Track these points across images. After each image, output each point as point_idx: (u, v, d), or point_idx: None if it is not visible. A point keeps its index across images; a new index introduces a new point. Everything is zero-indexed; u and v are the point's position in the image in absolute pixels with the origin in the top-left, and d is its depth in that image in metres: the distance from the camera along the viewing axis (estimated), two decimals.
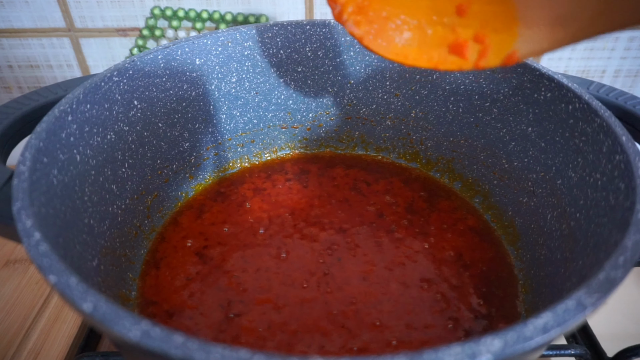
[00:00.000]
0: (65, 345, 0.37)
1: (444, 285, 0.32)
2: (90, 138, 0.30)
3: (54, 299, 0.40)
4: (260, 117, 0.42)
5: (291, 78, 0.41)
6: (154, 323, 0.16)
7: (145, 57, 0.34)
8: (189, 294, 0.32)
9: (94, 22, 0.50)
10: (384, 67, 0.41)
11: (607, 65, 0.53)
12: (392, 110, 0.43)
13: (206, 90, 0.39)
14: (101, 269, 0.29)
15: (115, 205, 0.32)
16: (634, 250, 0.19)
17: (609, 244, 0.22)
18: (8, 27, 0.50)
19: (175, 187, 0.39)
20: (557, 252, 0.30)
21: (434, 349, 0.15)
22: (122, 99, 0.32)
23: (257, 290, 0.32)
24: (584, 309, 0.17)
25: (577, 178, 0.29)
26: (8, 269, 0.43)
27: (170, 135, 0.37)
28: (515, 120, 0.35)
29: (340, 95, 0.43)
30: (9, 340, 0.37)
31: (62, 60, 0.52)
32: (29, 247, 0.19)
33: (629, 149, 0.25)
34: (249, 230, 0.37)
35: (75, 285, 0.17)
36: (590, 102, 0.29)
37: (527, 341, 0.16)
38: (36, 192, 0.22)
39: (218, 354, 0.15)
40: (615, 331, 0.37)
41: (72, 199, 0.27)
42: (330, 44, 0.40)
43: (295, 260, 0.34)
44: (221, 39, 0.38)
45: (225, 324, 0.30)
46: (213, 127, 0.40)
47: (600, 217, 0.25)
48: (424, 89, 0.40)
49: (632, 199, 0.22)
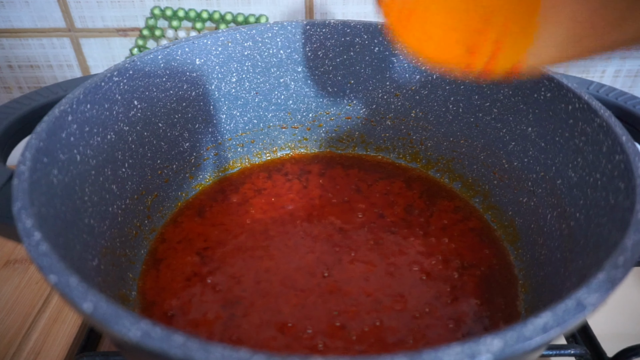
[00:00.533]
0: (65, 345, 0.37)
1: (443, 285, 0.32)
2: (90, 138, 0.30)
3: (54, 299, 0.40)
4: (260, 117, 0.42)
5: (291, 78, 0.41)
6: (154, 323, 0.16)
7: (145, 57, 0.34)
8: (189, 295, 0.32)
9: (94, 22, 0.50)
10: (384, 67, 0.41)
11: (607, 65, 0.53)
12: (392, 110, 0.43)
13: (206, 90, 0.39)
14: (101, 269, 0.29)
15: (115, 205, 0.32)
16: (634, 250, 0.19)
17: (609, 244, 0.22)
18: (8, 27, 0.50)
19: (175, 187, 0.39)
20: (557, 252, 0.30)
21: (434, 348, 0.15)
22: (122, 99, 0.32)
23: (257, 290, 0.32)
24: (584, 309, 0.17)
25: (577, 178, 0.29)
26: (8, 269, 0.43)
27: (170, 135, 0.37)
28: (515, 120, 0.35)
29: (340, 95, 0.43)
30: (9, 340, 0.37)
31: (62, 60, 0.52)
32: (29, 247, 0.19)
33: (629, 149, 0.25)
34: (249, 230, 0.37)
35: (75, 285, 0.18)
36: (590, 102, 0.29)
37: (527, 341, 0.16)
38: (36, 192, 0.22)
39: (218, 354, 0.15)
40: (615, 331, 0.37)
41: (72, 199, 0.27)
42: (330, 44, 0.40)
43: (296, 260, 0.34)
44: (221, 39, 0.38)
45: (225, 324, 0.30)
46: (213, 127, 0.40)
47: (600, 217, 0.25)
48: (424, 89, 0.40)
49: (632, 199, 0.22)
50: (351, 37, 0.40)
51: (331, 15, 0.50)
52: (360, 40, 0.40)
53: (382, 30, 0.39)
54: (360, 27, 0.39)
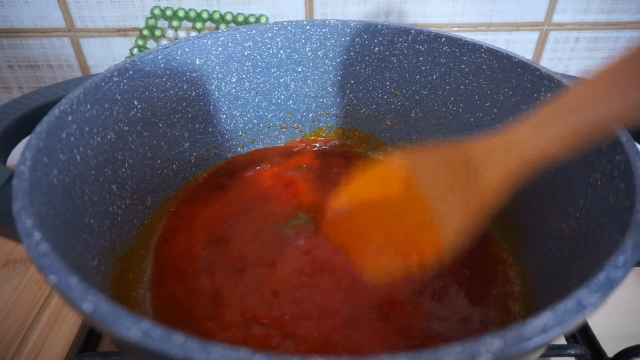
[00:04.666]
0: (65, 345, 0.37)
1: (443, 285, 0.32)
2: (90, 138, 0.30)
3: (54, 299, 0.40)
4: (260, 117, 0.42)
5: (291, 78, 0.41)
6: (154, 323, 0.16)
7: (145, 57, 0.34)
8: (189, 295, 0.32)
9: (94, 22, 0.50)
10: (384, 67, 0.41)
11: None
12: (392, 110, 0.43)
13: (206, 90, 0.39)
14: (101, 269, 0.29)
15: (115, 205, 0.32)
16: (634, 250, 0.19)
17: (609, 244, 0.22)
18: (8, 27, 0.50)
19: (176, 187, 0.39)
20: (557, 252, 0.30)
21: (434, 348, 0.15)
22: (122, 99, 0.32)
23: (257, 290, 0.32)
24: (584, 309, 0.17)
25: (577, 178, 0.29)
26: (8, 269, 0.43)
27: (170, 135, 0.37)
28: (516, 120, 0.35)
29: (340, 95, 0.43)
30: (9, 340, 0.37)
31: (62, 60, 0.52)
32: (29, 247, 0.19)
33: (629, 149, 0.25)
34: (249, 230, 0.37)
35: (75, 285, 0.17)
36: None
37: (527, 341, 0.16)
38: (36, 192, 0.22)
39: (218, 354, 0.15)
40: (615, 331, 0.37)
41: (72, 199, 0.27)
42: (330, 44, 0.40)
43: (296, 260, 0.34)
44: (221, 39, 0.38)
45: (227, 322, 0.30)
46: (213, 127, 0.40)
47: (600, 217, 0.25)
48: (424, 89, 0.40)
49: (632, 199, 0.22)
50: (351, 37, 0.40)
51: (331, 15, 0.50)
52: (360, 40, 0.40)
53: (382, 30, 0.39)
54: (360, 27, 0.39)
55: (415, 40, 0.39)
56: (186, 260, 0.34)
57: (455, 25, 0.51)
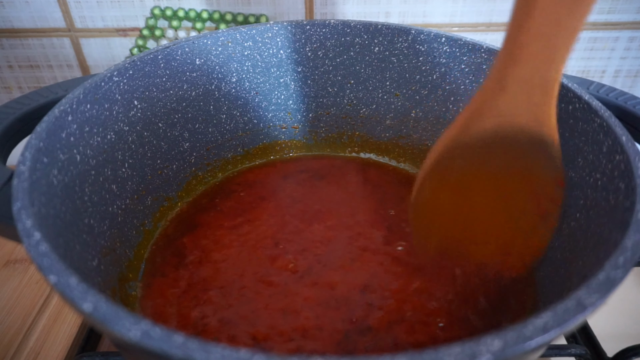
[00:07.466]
0: (65, 345, 0.37)
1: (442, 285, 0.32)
2: (90, 138, 0.30)
3: (54, 299, 0.40)
4: (260, 117, 0.42)
5: (291, 78, 0.41)
6: (154, 323, 0.16)
7: (145, 57, 0.34)
8: (189, 295, 0.32)
9: (94, 22, 0.50)
10: (384, 67, 0.41)
11: (607, 65, 0.53)
12: (392, 110, 0.43)
13: (206, 90, 0.39)
14: (101, 269, 0.29)
15: (115, 205, 0.32)
16: (634, 250, 0.19)
17: (609, 244, 0.22)
18: (8, 27, 0.50)
19: (176, 187, 0.39)
20: (557, 252, 0.30)
21: (434, 348, 0.15)
22: (122, 99, 0.32)
23: (257, 290, 0.32)
24: (584, 309, 0.17)
25: (577, 178, 0.29)
26: (8, 269, 0.43)
27: (170, 135, 0.37)
28: None
29: (340, 95, 0.43)
30: (9, 340, 0.37)
31: (62, 60, 0.52)
32: (29, 247, 0.19)
33: (629, 149, 0.25)
34: (249, 230, 0.37)
35: (75, 285, 0.17)
36: (590, 102, 0.29)
37: (527, 341, 0.16)
38: (36, 192, 0.22)
39: (218, 354, 0.15)
40: (615, 331, 0.37)
41: (72, 199, 0.27)
42: (330, 44, 0.40)
43: (295, 261, 0.34)
44: (221, 39, 0.38)
45: (227, 324, 0.30)
46: (213, 127, 0.40)
47: (600, 217, 0.25)
48: (424, 89, 0.40)
49: (632, 199, 0.22)
50: (351, 37, 0.40)
51: (331, 15, 0.50)
52: (360, 40, 0.40)
53: (382, 30, 0.39)
54: (360, 27, 0.39)
55: (415, 40, 0.39)
56: (186, 261, 0.34)
57: (455, 25, 0.51)
